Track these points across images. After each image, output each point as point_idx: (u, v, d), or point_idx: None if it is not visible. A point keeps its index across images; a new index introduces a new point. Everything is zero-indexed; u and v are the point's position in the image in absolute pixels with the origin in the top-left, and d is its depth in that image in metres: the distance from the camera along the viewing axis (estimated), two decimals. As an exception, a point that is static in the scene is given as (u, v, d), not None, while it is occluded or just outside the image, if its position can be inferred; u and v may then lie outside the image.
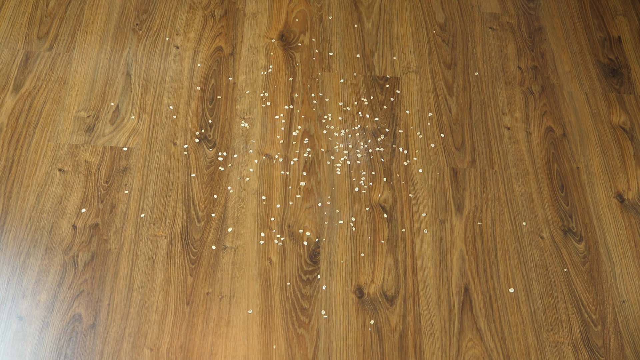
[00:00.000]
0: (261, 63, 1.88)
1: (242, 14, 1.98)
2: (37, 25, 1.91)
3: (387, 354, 1.46)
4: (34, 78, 1.81)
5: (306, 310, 1.50)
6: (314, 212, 1.63)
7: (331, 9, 2.01)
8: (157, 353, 1.43)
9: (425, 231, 1.62)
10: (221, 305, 1.50)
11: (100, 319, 1.46)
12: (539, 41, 1.98)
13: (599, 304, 1.54)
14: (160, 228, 1.59)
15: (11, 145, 1.69)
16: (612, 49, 1.97)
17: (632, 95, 1.88)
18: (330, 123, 1.78)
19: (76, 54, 1.86)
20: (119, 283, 1.51)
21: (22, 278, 1.51)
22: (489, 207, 1.67)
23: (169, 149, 1.71)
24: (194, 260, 1.55)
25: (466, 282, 1.55)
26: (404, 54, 1.93)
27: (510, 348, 1.48)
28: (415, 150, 1.75)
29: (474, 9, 2.04)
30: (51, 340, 1.43)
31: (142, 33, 1.92)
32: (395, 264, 1.57)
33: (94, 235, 1.57)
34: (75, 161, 1.68)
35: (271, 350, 1.45)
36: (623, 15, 2.05)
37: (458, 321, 1.51)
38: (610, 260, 1.60)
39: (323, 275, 1.55)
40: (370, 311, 1.51)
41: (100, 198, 1.62)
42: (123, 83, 1.82)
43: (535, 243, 1.62)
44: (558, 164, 1.75)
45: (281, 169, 1.70)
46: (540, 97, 1.86)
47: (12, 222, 1.58)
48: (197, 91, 1.81)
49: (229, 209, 1.63)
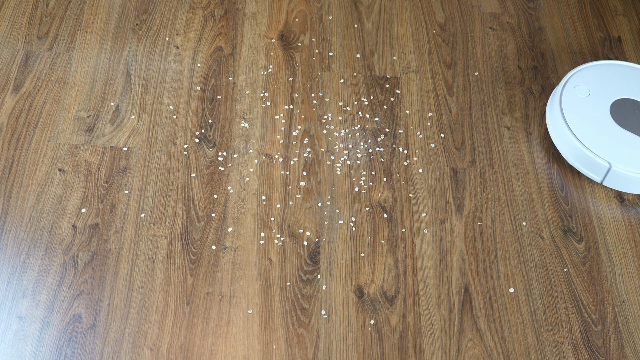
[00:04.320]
0: (261, 63, 1.88)
1: (242, 14, 1.98)
2: (37, 25, 1.91)
3: (387, 354, 1.46)
4: (34, 78, 1.81)
5: (306, 310, 1.50)
6: (314, 212, 1.63)
7: (331, 9, 2.01)
8: (157, 353, 1.43)
9: (425, 231, 1.62)
10: (221, 305, 1.50)
11: (100, 319, 1.46)
12: (539, 41, 1.98)
13: (599, 304, 1.54)
14: (160, 228, 1.59)
15: (11, 145, 1.69)
16: (612, 49, 1.97)
17: (632, 95, 1.88)
18: (330, 123, 1.78)
19: (76, 54, 1.86)
20: (119, 283, 1.51)
21: (22, 278, 1.51)
22: (489, 207, 1.67)
23: (169, 149, 1.71)
24: (194, 260, 1.55)
25: (466, 282, 1.56)
26: (404, 54, 1.93)
27: (510, 348, 1.48)
28: (415, 150, 1.75)
29: (474, 9, 2.04)
30: (51, 340, 1.44)
31: (142, 33, 1.92)
32: (395, 264, 1.57)
33: (94, 235, 1.57)
34: (75, 161, 1.68)
35: (271, 350, 1.45)
36: (623, 15, 2.05)
37: (458, 321, 1.51)
38: (610, 260, 1.60)
39: (323, 275, 1.55)
40: (370, 311, 1.51)
41: (100, 198, 1.62)
42: (123, 83, 1.82)
43: (535, 243, 1.62)
44: (558, 164, 1.75)
45: (281, 169, 1.70)
46: (540, 97, 1.86)
47: (12, 222, 1.58)
48: (197, 91, 1.82)
49: (229, 209, 1.63)
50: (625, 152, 1.68)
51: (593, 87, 1.78)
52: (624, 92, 1.78)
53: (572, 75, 1.80)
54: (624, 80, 1.80)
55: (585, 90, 1.75)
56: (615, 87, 1.79)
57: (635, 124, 1.73)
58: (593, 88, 1.78)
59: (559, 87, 1.78)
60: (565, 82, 1.79)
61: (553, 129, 1.73)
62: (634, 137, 1.70)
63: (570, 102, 1.75)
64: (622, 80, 1.80)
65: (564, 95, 1.75)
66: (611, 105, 1.75)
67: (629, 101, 1.76)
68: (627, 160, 1.67)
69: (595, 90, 1.77)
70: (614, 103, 1.75)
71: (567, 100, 1.75)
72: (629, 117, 1.74)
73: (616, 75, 1.82)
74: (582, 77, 1.80)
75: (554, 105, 1.75)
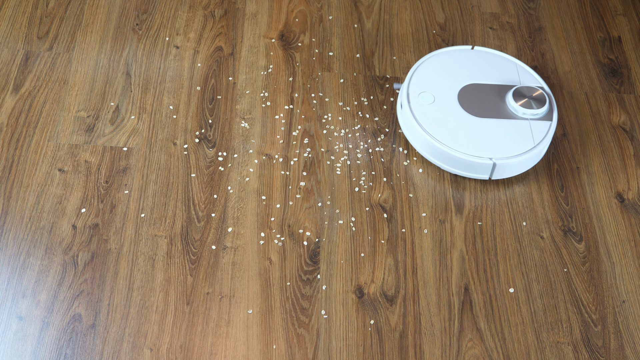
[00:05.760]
0: (261, 63, 1.88)
1: (242, 14, 1.98)
2: (37, 25, 1.91)
3: (387, 354, 1.46)
4: (34, 78, 1.81)
5: (306, 310, 1.50)
6: (314, 212, 1.63)
7: (331, 9, 2.01)
8: (157, 353, 1.43)
9: (425, 231, 1.62)
10: (221, 305, 1.50)
11: (100, 319, 1.46)
12: (539, 41, 1.98)
13: (599, 304, 1.54)
14: (160, 228, 1.59)
15: (11, 145, 1.69)
16: (612, 49, 1.97)
17: (632, 95, 1.88)
18: (330, 123, 1.78)
19: (76, 54, 1.86)
20: (119, 283, 1.51)
21: (22, 278, 1.51)
22: (489, 207, 1.67)
23: (169, 149, 1.71)
24: (194, 260, 1.55)
25: (466, 282, 1.56)
26: (404, 54, 1.93)
27: (510, 348, 1.48)
28: (415, 150, 1.75)
29: (474, 9, 2.04)
30: (51, 340, 1.44)
31: (142, 33, 1.92)
32: (395, 264, 1.57)
33: (94, 235, 1.57)
34: (75, 161, 1.68)
35: (271, 350, 1.45)
36: (623, 15, 2.05)
37: (458, 321, 1.51)
38: (610, 260, 1.60)
39: (323, 275, 1.55)
40: (370, 311, 1.51)
41: (100, 198, 1.62)
42: (123, 83, 1.82)
43: (535, 243, 1.62)
44: (558, 163, 1.75)
45: (281, 169, 1.70)
46: (540, 97, 1.86)
47: (12, 222, 1.58)
48: (197, 91, 1.82)
49: (229, 209, 1.63)
50: (496, 140, 1.68)
51: (431, 88, 1.76)
52: (460, 81, 1.77)
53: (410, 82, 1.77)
54: (452, 70, 1.79)
55: (430, 97, 1.74)
56: (450, 80, 1.77)
57: (488, 108, 1.72)
58: (432, 90, 1.75)
59: (403, 98, 1.74)
60: (407, 90, 1.75)
61: (422, 148, 1.70)
62: (494, 121, 1.70)
63: (425, 115, 1.71)
64: (450, 71, 1.79)
65: (415, 109, 1.71)
66: (458, 99, 1.73)
67: (469, 88, 1.75)
68: (504, 147, 1.67)
69: (437, 92, 1.75)
70: (459, 96, 1.73)
71: (420, 113, 1.71)
72: (478, 103, 1.73)
73: (441, 67, 1.80)
74: (418, 82, 1.77)
75: (410, 123, 1.71)
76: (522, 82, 1.77)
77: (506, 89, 1.75)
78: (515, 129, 1.69)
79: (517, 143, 1.67)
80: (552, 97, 1.76)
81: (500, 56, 1.83)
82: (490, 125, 1.70)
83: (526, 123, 1.70)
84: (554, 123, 1.72)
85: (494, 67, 1.80)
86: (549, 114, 1.73)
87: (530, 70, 1.81)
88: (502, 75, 1.79)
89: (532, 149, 1.67)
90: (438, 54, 1.83)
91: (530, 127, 1.70)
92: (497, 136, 1.69)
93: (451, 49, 1.84)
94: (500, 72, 1.79)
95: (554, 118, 1.72)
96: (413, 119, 1.70)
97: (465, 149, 1.67)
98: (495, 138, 1.68)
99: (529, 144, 1.68)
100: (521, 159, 1.66)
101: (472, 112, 1.72)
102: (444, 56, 1.83)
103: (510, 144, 1.67)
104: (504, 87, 1.76)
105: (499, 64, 1.81)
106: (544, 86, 1.78)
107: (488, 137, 1.69)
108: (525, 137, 1.68)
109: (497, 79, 1.78)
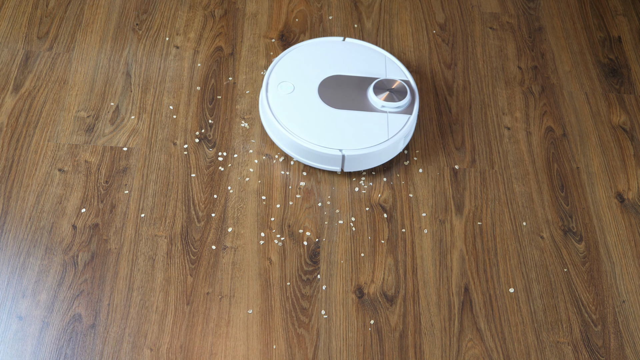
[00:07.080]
0: (261, 63, 1.88)
1: (242, 14, 1.98)
2: (37, 25, 1.91)
3: (387, 354, 1.46)
4: (34, 78, 1.81)
5: (306, 310, 1.50)
6: (314, 212, 1.63)
7: (331, 9, 2.01)
8: (157, 353, 1.43)
9: (425, 231, 1.62)
10: (221, 305, 1.50)
11: (100, 319, 1.46)
12: (539, 41, 1.98)
13: (599, 304, 1.54)
14: (160, 228, 1.59)
15: (11, 145, 1.69)
16: (612, 49, 1.97)
17: (632, 95, 1.88)
18: (330, 123, 1.78)
19: (76, 54, 1.86)
20: (119, 283, 1.51)
21: (22, 278, 1.51)
22: (489, 207, 1.67)
23: (169, 149, 1.71)
24: (194, 260, 1.55)
25: (466, 282, 1.56)
26: (404, 54, 1.93)
27: (510, 348, 1.48)
28: (415, 150, 1.75)
29: (474, 9, 2.04)
30: (51, 340, 1.44)
31: (142, 33, 1.92)
32: (395, 264, 1.57)
33: (94, 235, 1.57)
34: (75, 161, 1.68)
35: (271, 350, 1.45)
36: (623, 15, 2.05)
37: (458, 321, 1.51)
38: (610, 260, 1.60)
39: (323, 275, 1.55)
40: (370, 311, 1.51)
41: (100, 198, 1.62)
42: (123, 83, 1.82)
43: (535, 243, 1.62)
44: (558, 164, 1.75)
45: (281, 169, 1.70)
46: (540, 97, 1.86)
47: (12, 222, 1.58)
48: (197, 91, 1.82)
49: (229, 209, 1.63)
50: (349, 132, 1.67)
51: (293, 78, 1.74)
52: (324, 72, 1.76)
53: (272, 73, 1.75)
54: (319, 61, 1.78)
55: (289, 86, 1.71)
56: (315, 70, 1.76)
57: (347, 100, 1.71)
58: (294, 80, 1.74)
59: (262, 90, 1.73)
60: (267, 78, 1.74)
61: (276, 138, 1.69)
62: (351, 113, 1.69)
63: (281, 104, 1.70)
64: (317, 61, 1.78)
65: (271, 98, 1.70)
66: (318, 90, 1.72)
67: (332, 79, 1.74)
68: (356, 139, 1.66)
69: (298, 82, 1.73)
70: (320, 87, 1.72)
71: (275, 102, 1.70)
72: (338, 95, 1.71)
73: (308, 57, 1.79)
74: (281, 71, 1.75)
75: (265, 112, 1.70)
76: (387, 75, 1.76)
77: (369, 82, 1.74)
78: (371, 122, 1.68)
79: (370, 136, 1.65)
80: (415, 91, 1.73)
81: (370, 49, 1.81)
82: (346, 117, 1.68)
83: (384, 116, 1.69)
84: (413, 117, 1.69)
85: (362, 60, 1.78)
86: (409, 107, 1.71)
87: (400, 63, 1.78)
88: (368, 68, 1.77)
89: (385, 142, 1.65)
90: (307, 44, 1.81)
91: (387, 120, 1.69)
92: (351, 128, 1.67)
93: (321, 40, 1.82)
94: (368, 64, 1.78)
95: (414, 112, 1.70)
96: (268, 108, 1.69)
97: (316, 139, 1.65)
98: (348, 130, 1.66)
99: (383, 136, 1.66)
100: (372, 151, 1.64)
101: (329, 104, 1.70)
102: (312, 47, 1.81)
103: (363, 136, 1.65)
104: (367, 80, 1.74)
105: (368, 56, 1.79)
106: (409, 80, 1.76)
107: (341, 129, 1.67)
108: (380, 130, 1.66)
109: (363, 72, 1.76)
